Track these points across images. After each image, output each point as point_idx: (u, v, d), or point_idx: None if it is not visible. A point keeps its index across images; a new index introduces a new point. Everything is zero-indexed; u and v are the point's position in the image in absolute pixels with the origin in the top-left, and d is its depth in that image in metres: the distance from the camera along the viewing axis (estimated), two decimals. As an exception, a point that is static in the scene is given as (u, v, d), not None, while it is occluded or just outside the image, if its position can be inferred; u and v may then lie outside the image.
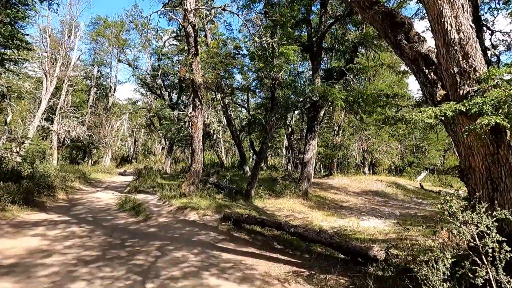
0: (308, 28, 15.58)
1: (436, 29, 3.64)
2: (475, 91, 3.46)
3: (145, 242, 6.75)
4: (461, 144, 3.76)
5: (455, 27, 3.51)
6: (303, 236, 6.17)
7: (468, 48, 3.47)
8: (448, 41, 3.56)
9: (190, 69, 10.19)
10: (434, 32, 3.71)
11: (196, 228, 7.71)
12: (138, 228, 7.97)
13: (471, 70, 3.49)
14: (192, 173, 10.98)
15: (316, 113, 14.25)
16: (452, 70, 3.58)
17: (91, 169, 22.02)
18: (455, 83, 3.59)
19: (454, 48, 3.53)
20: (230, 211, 8.99)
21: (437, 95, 4.02)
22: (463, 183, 4.21)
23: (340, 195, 15.92)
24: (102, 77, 30.05)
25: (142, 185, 14.00)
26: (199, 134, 10.83)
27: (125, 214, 9.50)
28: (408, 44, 4.33)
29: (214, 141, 26.86)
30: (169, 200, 10.34)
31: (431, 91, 4.13)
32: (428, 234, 8.09)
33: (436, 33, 3.66)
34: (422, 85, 4.26)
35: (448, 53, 3.58)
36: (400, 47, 4.41)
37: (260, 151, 12.86)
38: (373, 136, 25.02)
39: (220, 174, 18.74)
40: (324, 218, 10.33)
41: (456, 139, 3.82)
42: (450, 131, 3.97)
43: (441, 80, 4.05)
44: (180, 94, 22.97)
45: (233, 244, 6.66)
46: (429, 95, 4.16)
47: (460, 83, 3.54)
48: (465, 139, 3.67)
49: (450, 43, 3.54)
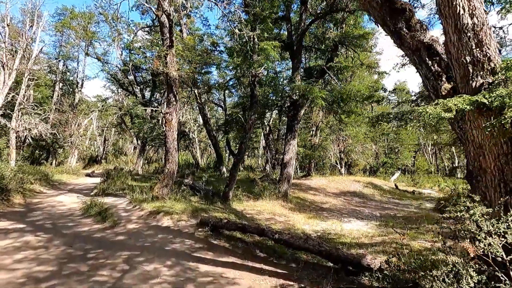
0: (288, 26, 15.20)
1: (446, 13, 3.25)
2: (489, 83, 3.08)
3: (111, 253, 5.98)
4: (470, 142, 3.39)
5: (468, 11, 3.14)
6: (289, 244, 5.66)
7: (482, 35, 3.10)
8: (460, 27, 3.17)
9: (165, 62, 9.39)
10: (443, 16, 3.31)
11: (170, 235, 6.99)
12: (103, 236, 7.13)
13: (485, 60, 3.13)
14: (166, 174, 10.18)
15: (297, 112, 13.88)
16: (464, 60, 3.20)
17: (54, 170, 20.37)
18: (466, 74, 3.21)
19: (467, 34, 3.15)
20: (207, 216, 8.33)
21: (442, 89, 3.64)
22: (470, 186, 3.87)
23: (319, 196, 15.66)
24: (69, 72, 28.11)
25: (110, 187, 12.95)
26: (174, 133, 10.05)
27: (90, 220, 8.57)
28: (409, 33, 3.94)
29: (190, 140, 25.87)
30: (140, 204, 9.49)
31: (435, 84, 3.75)
32: (413, 236, 7.89)
33: (446, 17, 3.27)
34: (424, 78, 3.88)
35: (460, 40, 3.19)
36: (400, 36, 4.01)
37: (238, 151, 12.27)
38: (350, 137, 25.18)
39: (196, 175, 17.93)
40: (306, 221, 9.92)
41: (465, 137, 3.45)
42: (456, 128, 3.60)
43: (447, 73, 3.68)
44: (154, 91, 21.83)
45: (212, 253, 6.03)
46: (433, 89, 3.78)
47: (473, 74, 3.17)
48: (475, 137, 3.31)
49: (462, 29, 3.16)
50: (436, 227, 9.17)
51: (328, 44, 14.40)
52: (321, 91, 12.69)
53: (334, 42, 14.03)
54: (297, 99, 13.60)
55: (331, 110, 15.98)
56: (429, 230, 8.69)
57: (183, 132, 23.09)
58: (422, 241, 7.28)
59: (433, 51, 3.80)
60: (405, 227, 9.34)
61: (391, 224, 9.82)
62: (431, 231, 8.74)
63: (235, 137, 24.13)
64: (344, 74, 16.67)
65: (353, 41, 14.07)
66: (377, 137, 30.69)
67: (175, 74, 9.44)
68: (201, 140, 35.51)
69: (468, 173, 3.76)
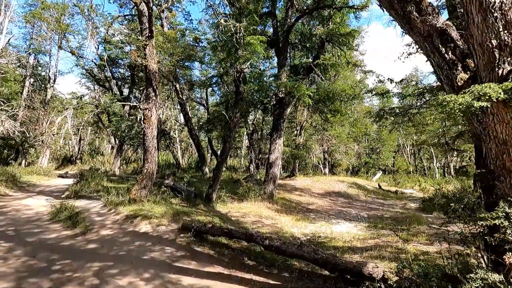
0: (273, 22, 14.76)
1: (470, -10, 2.86)
2: (519, 71, 2.71)
3: (80, 264, 5.29)
4: (492, 139, 3.02)
5: (495, -13, 2.75)
6: (281, 251, 5.16)
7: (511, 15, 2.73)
8: (486, 6, 2.78)
9: (143, 53, 8.68)
10: (466, -6, 2.92)
11: (148, 242, 6.34)
12: (73, 244, 6.38)
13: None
14: (145, 175, 9.44)
15: (283, 111, 13.45)
16: (489, 44, 2.81)
17: (23, 170, 18.97)
18: (492, 60, 2.82)
19: (493, 15, 2.77)
20: (190, 219, 7.72)
21: (458, 79, 3.25)
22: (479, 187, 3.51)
23: (305, 197, 15.31)
24: (40, 67, 26.41)
25: (84, 189, 12.02)
26: (153, 130, 9.33)
27: (59, 226, 7.76)
28: (420, 17, 3.53)
29: (170, 140, 24.92)
30: (115, 207, 8.72)
31: (449, 74, 3.36)
32: (406, 238, 7.60)
33: (469, -5, 2.88)
34: (437, 68, 3.48)
35: (485, 21, 2.81)
36: (409, 21, 3.59)
37: (222, 150, 11.67)
38: (333, 137, 25.10)
39: (177, 176, 17.17)
40: (294, 224, 9.48)
41: (486, 133, 3.07)
42: (476, 123, 3.21)
43: (462, 61, 3.29)
44: (132, 87, 20.78)
45: (195, 262, 5.45)
46: (447, 79, 3.38)
47: (499, 60, 2.78)
48: (498, 133, 2.93)
49: (488, 8, 2.77)
50: (427, 228, 8.98)
51: (315, 41, 14.07)
52: (308, 88, 12.33)
53: (321, 39, 13.71)
54: (283, 97, 13.18)
55: (317, 109, 15.67)
56: (419, 231, 8.48)
57: (164, 131, 22.16)
58: (417, 244, 6.98)
59: (447, 37, 3.41)
60: (395, 228, 9.09)
61: (380, 225, 9.54)
62: (423, 233, 8.56)
63: (218, 136, 23.46)
64: (329, 73, 16.43)
65: (339, 39, 13.81)
66: (359, 137, 30.90)
67: (155, 67, 8.74)
68: (183, 139, 34.53)
69: (480, 174, 3.40)
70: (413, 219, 10.05)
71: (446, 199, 13.70)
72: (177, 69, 16.06)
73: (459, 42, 3.37)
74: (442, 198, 13.98)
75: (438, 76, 3.53)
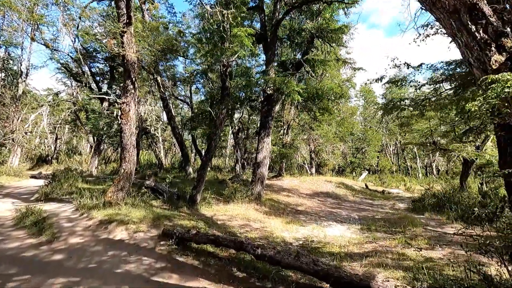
0: (261, 16, 14.14)
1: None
2: None
3: (42, 279, 4.53)
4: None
5: None
6: (275, 261, 4.56)
7: None
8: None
9: (121, 41, 7.86)
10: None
11: (123, 252, 5.59)
12: (36, 255, 5.56)
13: None
14: (122, 175, 8.61)
15: (271, 108, 12.86)
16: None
17: (-9, 171, 17.62)
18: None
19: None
20: (171, 225, 7.01)
21: (492, 61, 2.74)
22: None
23: (293, 197, 14.79)
24: (12, 60, 24.74)
25: (55, 191, 11.02)
26: (132, 126, 8.51)
27: (23, 233, 6.89)
28: (444, -10, 2.99)
29: (152, 139, 23.86)
30: (88, 212, 7.88)
31: (481, 56, 2.84)
32: (404, 243, 7.15)
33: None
34: (465, 48, 2.96)
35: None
36: (431, -6, 3.05)
37: (207, 149, 10.96)
38: (320, 136, 24.76)
39: (159, 176, 16.28)
40: (284, 227, 8.89)
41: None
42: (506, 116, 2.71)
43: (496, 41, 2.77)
44: (112, 83, 19.66)
45: (177, 275, 4.76)
46: (478, 62, 2.87)
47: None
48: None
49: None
50: (422, 231, 8.58)
51: (304, 36, 13.57)
52: (298, 85, 11.80)
53: (311, 34, 13.23)
54: (272, 93, 12.60)
55: (306, 107, 15.18)
56: (416, 234, 8.07)
57: (145, 129, 21.13)
58: (417, 249, 6.51)
59: (478, 13, 2.90)
60: (389, 231, 8.67)
61: (373, 227, 9.10)
62: (420, 236, 8.17)
63: (203, 134, 22.64)
64: (317, 71, 16.00)
65: (329, 35, 13.38)
66: (345, 137, 30.76)
67: (134, 56, 7.93)
68: (165, 139, 33.39)
69: (508, 175, 2.91)
70: (406, 221, 9.67)
71: (437, 199, 13.32)
72: (158, 61, 15.17)
73: (492, 19, 2.87)
74: (432, 198, 13.72)
75: (466, 58, 3.01)
